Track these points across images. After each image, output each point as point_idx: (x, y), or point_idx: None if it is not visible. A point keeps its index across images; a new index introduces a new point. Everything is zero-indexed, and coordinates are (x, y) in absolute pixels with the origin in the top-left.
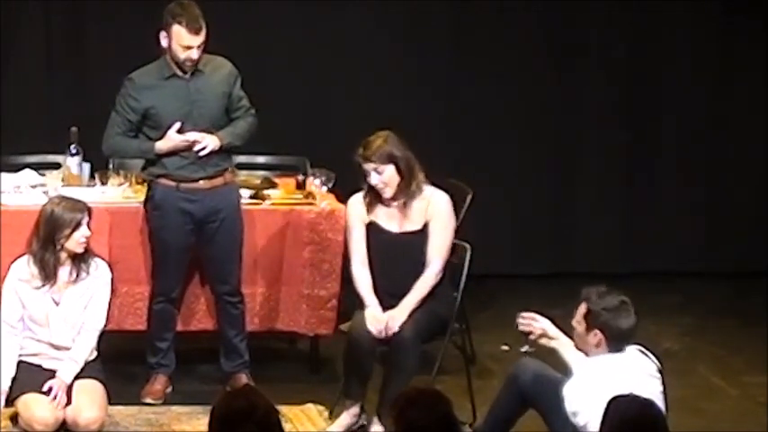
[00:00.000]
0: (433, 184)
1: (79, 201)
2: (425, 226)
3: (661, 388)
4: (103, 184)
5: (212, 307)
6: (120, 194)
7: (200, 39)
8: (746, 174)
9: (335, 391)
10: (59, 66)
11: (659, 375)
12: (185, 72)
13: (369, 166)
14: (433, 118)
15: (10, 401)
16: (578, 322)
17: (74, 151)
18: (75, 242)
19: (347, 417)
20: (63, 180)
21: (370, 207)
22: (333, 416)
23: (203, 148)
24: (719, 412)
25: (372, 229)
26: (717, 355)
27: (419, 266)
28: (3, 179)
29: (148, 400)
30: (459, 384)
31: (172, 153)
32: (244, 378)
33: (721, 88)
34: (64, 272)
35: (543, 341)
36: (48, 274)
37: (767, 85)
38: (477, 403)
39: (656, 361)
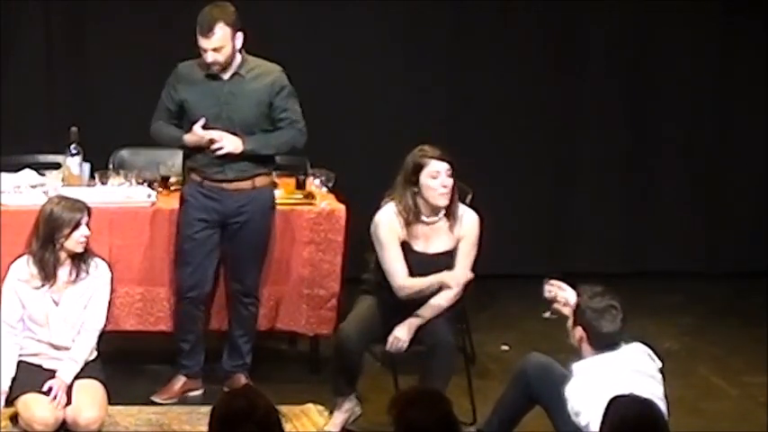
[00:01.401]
0: None
1: (78, 200)
2: (457, 246)
3: (662, 389)
4: (103, 184)
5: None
6: (120, 194)
7: (211, 42)
8: (747, 174)
9: None
10: (59, 66)
11: (660, 376)
12: (218, 74)
13: (443, 166)
14: (433, 118)
15: (10, 401)
16: (569, 315)
17: (74, 151)
18: (75, 242)
19: (340, 415)
20: (63, 180)
21: (405, 224)
22: (332, 415)
23: (220, 148)
24: (719, 412)
25: (404, 248)
26: (717, 355)
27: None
28: (3, 179)
29: (156, 399)
30: (459, 384)
31: (199, 149)
32: (242, 378)
33: (721, 88)
34: (63, 272)
35: (566, 310)
36: (47, 273)
37: (767, 85)
38: (477, 403)
39: (657, 360)
